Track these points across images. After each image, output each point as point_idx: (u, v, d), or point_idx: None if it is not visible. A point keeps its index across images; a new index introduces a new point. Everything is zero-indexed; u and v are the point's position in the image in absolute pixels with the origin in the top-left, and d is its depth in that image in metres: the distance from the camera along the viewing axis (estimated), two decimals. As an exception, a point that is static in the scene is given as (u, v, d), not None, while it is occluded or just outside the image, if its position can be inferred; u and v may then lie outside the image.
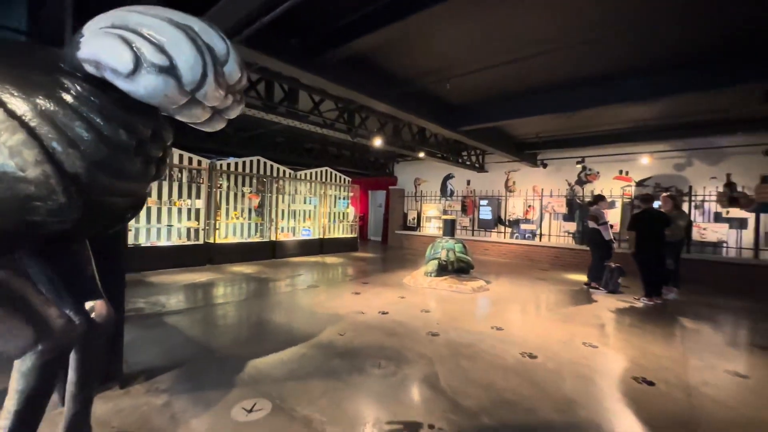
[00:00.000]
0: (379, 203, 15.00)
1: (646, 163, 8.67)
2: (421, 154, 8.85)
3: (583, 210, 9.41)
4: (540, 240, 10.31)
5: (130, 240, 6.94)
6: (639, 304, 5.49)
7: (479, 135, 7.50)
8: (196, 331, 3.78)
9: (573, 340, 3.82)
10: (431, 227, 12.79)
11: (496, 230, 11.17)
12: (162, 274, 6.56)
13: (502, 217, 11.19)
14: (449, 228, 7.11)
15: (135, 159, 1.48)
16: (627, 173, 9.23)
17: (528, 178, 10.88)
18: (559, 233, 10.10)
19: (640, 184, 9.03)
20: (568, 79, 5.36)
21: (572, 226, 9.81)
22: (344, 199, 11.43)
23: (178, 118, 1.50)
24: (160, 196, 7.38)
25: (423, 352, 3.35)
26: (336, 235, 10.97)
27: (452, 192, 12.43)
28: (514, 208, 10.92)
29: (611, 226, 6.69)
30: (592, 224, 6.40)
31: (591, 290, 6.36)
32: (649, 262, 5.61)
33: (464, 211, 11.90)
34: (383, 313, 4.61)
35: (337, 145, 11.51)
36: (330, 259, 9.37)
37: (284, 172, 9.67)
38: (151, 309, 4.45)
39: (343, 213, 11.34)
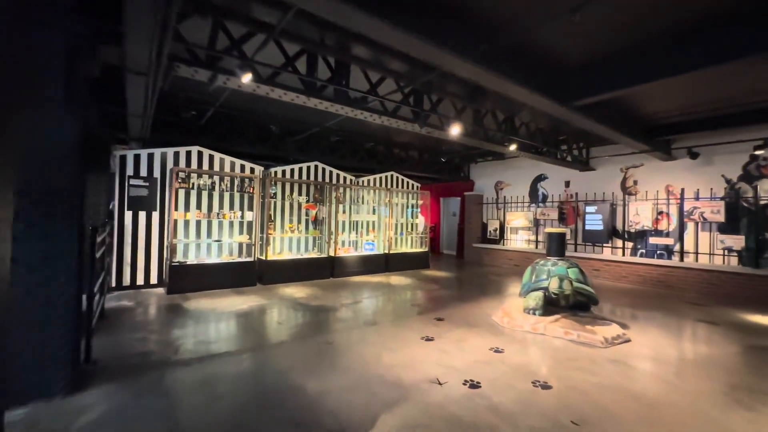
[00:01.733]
0: (452, 212, 13.18)
1: None
2: (513, 147, 6.93)
3: (759, 217, 6.50)
4: (681, 259, 7.50)
5: (178, 256, 6.32)
6: None
7: (599, 113, 5.38)
8: (184, 403, 2.56)
9: None
10: (518, 240, 10.57)
11: (609, 245, 8.57)
12: (205, 296, 5.75)
13: (618, 227, 8.56)
14: (557, 245, 5.10)
15: None
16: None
17: (657, 176, 8.13)
18: (713, 250, 7.21)
19: None
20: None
21: (736, 241, 6.88)
22: (413, 207, 9.93)
23: None
24: (210, 208, 6.71)
25: None
26: (404, 250, 9.49)
27: (545, 197, 10.10)
28: (637, 215, 8.24)
29: None
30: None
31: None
32: None
33: (562, 220, 9.50)
34: (472, 385, 2.92)
35: (403, 147, 10.10)
36: (396, 279, 7.89)
37: (344, 178, 8.55)
38: (159, 355, 3.41)
39: (412, 224, 9.83)
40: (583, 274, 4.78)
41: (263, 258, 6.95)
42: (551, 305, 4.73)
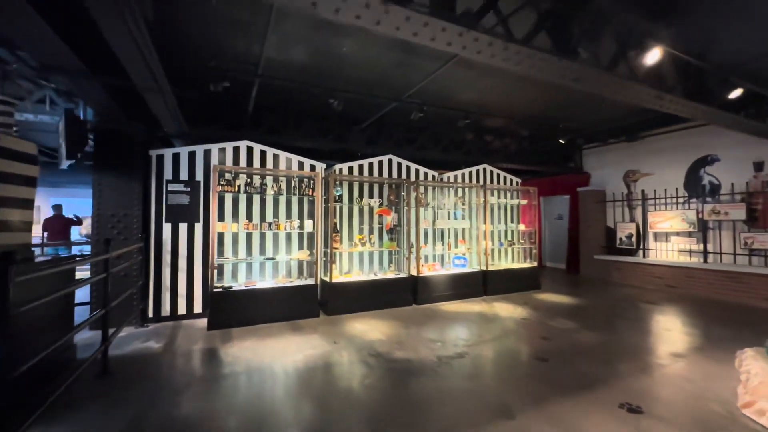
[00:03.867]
0: (557, 214, 10.45)
1: None
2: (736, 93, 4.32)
3: None
4: None
5: (223, 279, 5.00)
6: None
7: None
8: None
9: None
10: (669, 250, 7.56)
11: None
12: (252, 333, 4.27)
13: None
14: None
15: None
16: None
17: None
18: None
19: None
20: None
21: None
22: (513, 208, 7.64)
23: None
24: (261, 217, 5.32)
25: None
26: (505, 265, 7.22)
27: (714, 187, 7.00)
28: None
29: None
30: None
31: None
32: None
33: (753, 219, 6.36)
34: None
35: (495, 133, 7.88)
36: (503, 308, 5.70)
37: (425, 175, 6.66)
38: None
39: (513, 231, 7.53)
40: None
41: (327, 280, 5.34)
42: None
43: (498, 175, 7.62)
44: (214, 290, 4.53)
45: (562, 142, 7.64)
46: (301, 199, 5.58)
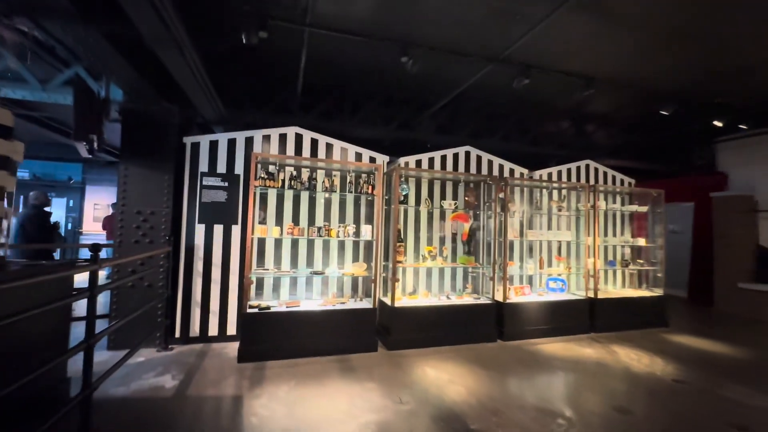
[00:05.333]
0: (671, 227, 8.24)
1: None
2: None
3: None
4: None
5: (260, 297, 4.06)
6: None
7: None
8: None
9: None
10: None
11: None
12: (292, 371, 3.21)
13: None
14: None
15: None
16: None
17: None
18: None
19: None
20: None
21: None
22: (625, 216, 5.87)
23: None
24: (311, 220, 4.32)
25: None
26: (618, 292, 5.48)
27: None
28: None
29: None
30: None
31: None
32: None
33: None
34: None
35: (601, 119, 6.17)
36: (630, 358, 4.05)
37: (511, 172, 5.24)
38: None
39: (626, 246, 5.75)
40: None
41: (387, 302, 4.16)
42: None
43: (605, 174, 5.91)
44: (248, 312, 3.56)
45: (719, 124, 5.61)
46: (357, 198, 4.49)
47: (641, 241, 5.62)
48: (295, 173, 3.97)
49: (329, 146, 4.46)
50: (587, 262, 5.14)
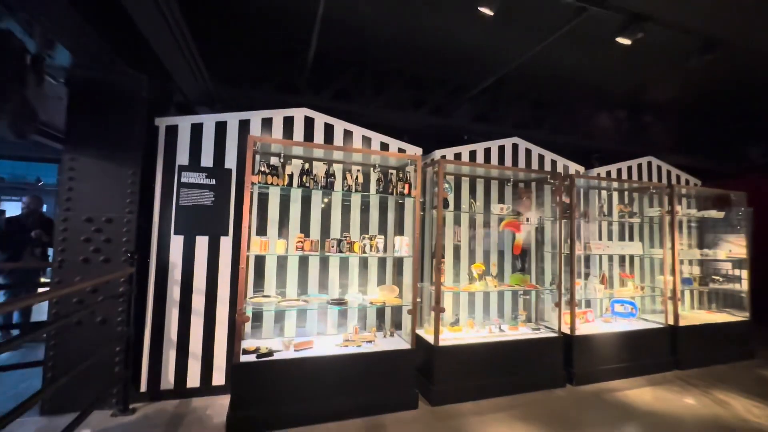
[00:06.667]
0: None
1: None
2: None
3: None
4: None
5: (257, 335, 3.02)
6: None
7: None
8: None
9: None
10: None
11: None
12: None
13: None
14: None
15: None
16: None
17: None
18: None
19: None
20: None
21: None
22: (701, 223, 4.92)
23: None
24: (325, 230, 3.29)
25: None
26: (698, 318, 4.50)
27: None
28: None
29: None
30: None
31: None
32: None
33: None
34: None
35: (662, 108, 5.23)
36: (745, 409, 3.05)
37: (565, 168, 4.29)
38: None
39: (707, 258, 4.79)
40: None
41: (428, 339, 3.13)
42: None
43: (669, 173, 4.98)
44: (239, 363, 2.51)
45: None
46: (384, 200, 3.48)
47: (721, 254, 4.66)
48: (306, 167, 2.95)
49: (348, 134, 3.46)
50: (666, 280, 4.15)
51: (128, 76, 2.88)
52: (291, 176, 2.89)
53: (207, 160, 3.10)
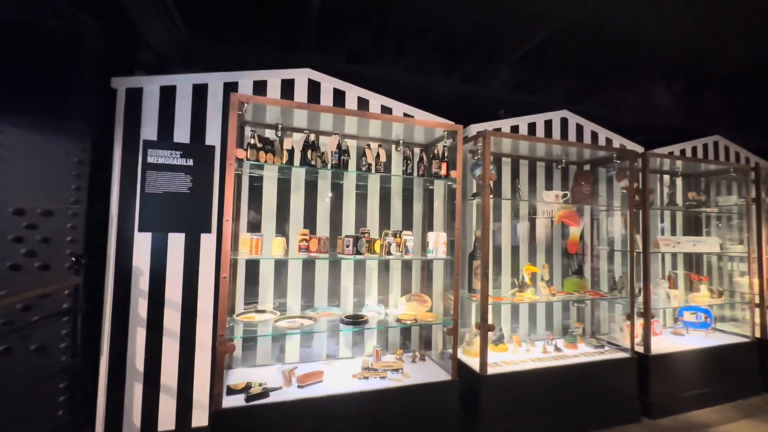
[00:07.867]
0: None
1: None
2: None
3: None
4: None
5: (249, 362, 2.30)
6: None
7: None
8: None
9: None
10: None
11: None
12: None
13: None
14: None
15: None
16: None
17: None
18: None
19: None
20: None
21: None
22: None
23: None
24: (336, 225, 2.57)
25: None
26: (777, 326, 3.75)
27: None
28: None
29: None
30: None
31: None
32: None
33: None
34: None
35: (729, 80, 4.43)
36: None
37: (621, 147, 3.53)
38: None
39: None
40: None
41: (471, 366, 2.42)
42: None
43: (737, 154, 4.22)
44: (221, 410, 1.80)
45: None
46: (408, 185, 2.75)
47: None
48: (312, 141, 2.22)
49: (363, 102, 2.72)
50: (744, 283, 3.40)
51: (75, 21, 2.16)
52: (291, 152, 2.15)
53: (182, 134, 2.38)
